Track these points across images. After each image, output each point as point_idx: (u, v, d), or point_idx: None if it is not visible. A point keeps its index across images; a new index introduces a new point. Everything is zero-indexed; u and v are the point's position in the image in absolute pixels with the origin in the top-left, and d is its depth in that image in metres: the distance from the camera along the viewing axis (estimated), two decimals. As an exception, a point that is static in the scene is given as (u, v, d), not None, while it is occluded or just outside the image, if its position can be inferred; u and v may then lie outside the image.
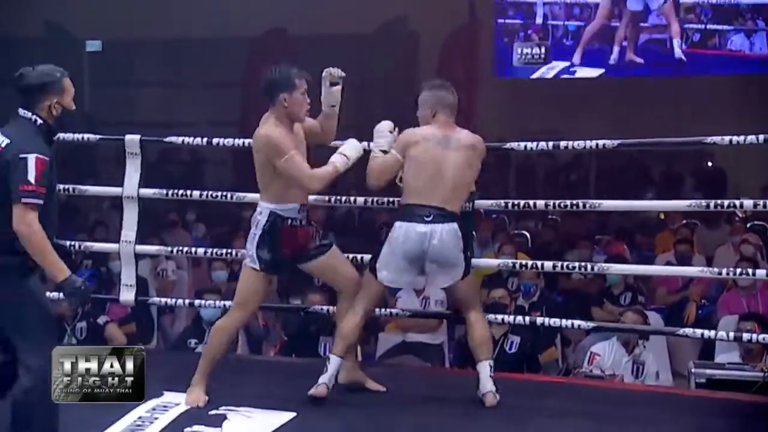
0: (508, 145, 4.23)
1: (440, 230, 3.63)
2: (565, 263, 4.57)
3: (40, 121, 3.00)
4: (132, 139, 4.46)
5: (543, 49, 11.61)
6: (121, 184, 4.46)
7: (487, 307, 4.63)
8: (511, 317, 4.40)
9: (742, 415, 3.70)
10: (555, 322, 4.21)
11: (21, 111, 3.01)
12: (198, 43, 12.43)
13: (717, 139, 3.93)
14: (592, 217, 8.64)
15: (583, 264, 4.77)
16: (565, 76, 11.32)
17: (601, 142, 4.06)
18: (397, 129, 3.80)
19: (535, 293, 5.99)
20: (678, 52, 10.82)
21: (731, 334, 4.30)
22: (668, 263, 6.78)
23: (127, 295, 4.48)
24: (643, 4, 11.15)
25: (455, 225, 3.67)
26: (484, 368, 3.72)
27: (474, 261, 4.05)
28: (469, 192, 3.85)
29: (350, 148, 3.70)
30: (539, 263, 4.57)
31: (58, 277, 2.93)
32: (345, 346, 3.75)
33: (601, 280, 6.45)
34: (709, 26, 10.84)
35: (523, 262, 5.44)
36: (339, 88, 3.79)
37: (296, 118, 3.68)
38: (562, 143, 4.19)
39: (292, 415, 3.58)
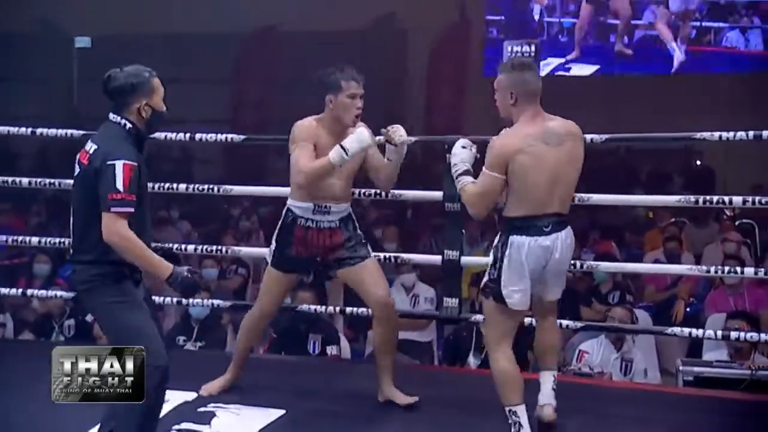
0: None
1: (561, 240, 3.17)
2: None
3: (129, 125, 2.91)
4: None
5: (533, 47, 11.63)
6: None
7: (479, 307, 4.61)
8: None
9: (729, 413, 3.70)
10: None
11: (111, 116, 2.92)
12: (189, 39, 12.39)
13: (707, 134, 3.94)
14: (581, 215, 8.64)
15: (572, 262, 4.76)
16: (560, 72, 11.36)
17: (588, 137, 4.03)
18: (474, 146, 3.32)
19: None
20: (679, 56, 10.89)
21: (719, 333, 4.31)
22: (657, 261, 6.79)
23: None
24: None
25: (570, 230, 3.24)
26: (548, 378, 3.37)
27: (464, 259, 4.04)
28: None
29: (353, 140, 3.41)
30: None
31: (164, 275, 2.85)
32: (512, 393, 3.22)
33: (589, 278, 6.44)
34: (704, 23, 10.88)
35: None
36: (398, 149, 3.56)
37: (342, 121, 3.51)
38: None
39: (281, 412, 3.57)
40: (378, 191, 4.06)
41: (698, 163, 11.94)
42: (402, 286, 5.98)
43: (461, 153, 3.27)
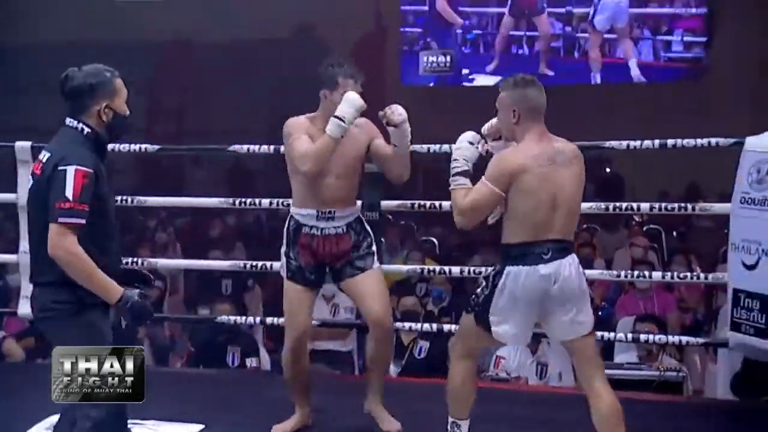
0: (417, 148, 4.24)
1: (564, 267, 2.91)
2: (473, 268, 4.62)
3: (87, 129, 2.63)
4: (22, 147, 4.33)
5: (448, 58, 11.80)
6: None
7: (400, 316, 4.66)
8: (422, 325, 4.44)
9: (641, 413, 3.79)
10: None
11: (67, 120, 2.64)
12: (103, 48, 12.15)
13: (615, 143, 4.06)
14: (498, 222, 8.76)
15: (481, 270, 4.84)
16: (466, 84, 11.58)
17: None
18: (482, 142, 3.11)
19: (446, 298, 6.02)
20: (594, 68, 11.19)
21: (629, 335, 4.43)
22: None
23: (26, 308, 4.32)
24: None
25: (575, 257, 2.98)
26: None
27: (384, 267, 4.05)
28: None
29: (345, 106, 3.22)
30: (447, 268, 4.63)
31: (112, 299, 2.58)
32: (461, 407, 3.15)
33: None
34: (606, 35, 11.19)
35: (432, 267, 5.48)
36: (400, 129, 3.34)
37: None
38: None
39: (200, 427, 3.53)
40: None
41: (608, 170, 12.25)
42: (322, 295, 5.97)
43: (466, 149, 3.04)
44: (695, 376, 5.28)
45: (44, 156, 2.64)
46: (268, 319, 4.56)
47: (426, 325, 4.59)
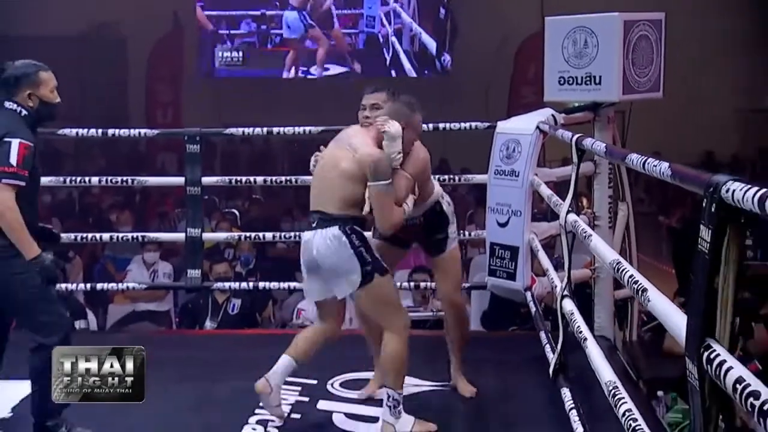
0: (228, 131, 4.20)
1: (318, 236, 2.81)
2: (278, 234, 4.65)
3: (24, 111, 2.77)
4: None
5: (241, 54, 11.66)
6: None
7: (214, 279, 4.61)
8: (235, 284, 4.42)
9: (420, 347, 3.94)
10: (273, 285, 4.29)
11: (6, 103, 2.77)
12: None
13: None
14: (289, 195, 8.82)
15: (290, 234, 4.91)
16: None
17: (307, 129, 4.15)
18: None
19: (252, 262, 5.99)
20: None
21: (410, 284, 4.65)
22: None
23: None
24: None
25: (336, 230, 2.80)
26: (383, 395, 2.90)
27: (205, 235, 4.00)
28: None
29: (389, 145, 2.82)
30: (253, 234, 4.65)
31: (28, 255, 2.65)
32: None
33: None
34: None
35: (239, 234, 5.47)
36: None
37: None
38: (276, 129, 4.24)
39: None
40: (120, 179, 3.90)
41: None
42: (144, 262, 5.79)
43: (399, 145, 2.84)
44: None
45: None
46: (99, 285, 4.36)
47: (236, 284, 4.58)
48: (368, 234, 2.97)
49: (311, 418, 3.07)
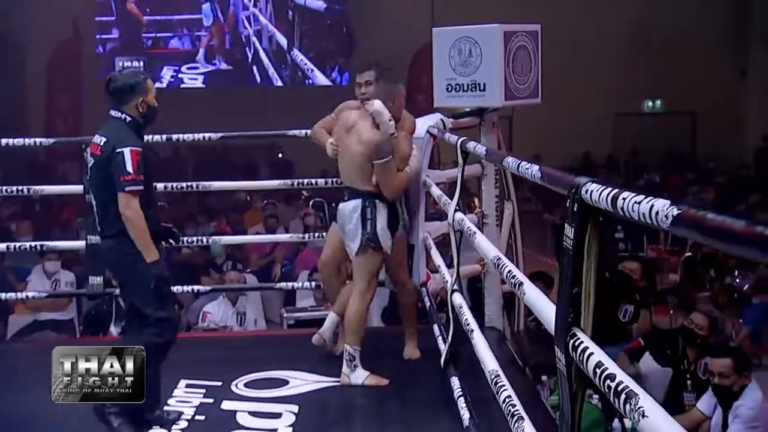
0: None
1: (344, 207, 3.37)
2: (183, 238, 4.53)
3: (128, 118, 2.82)
4: None
5: (141, 63, 11.36)
6: None
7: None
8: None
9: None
10: (178, 289, 4.19)
11: (112, 112, 2.83)
12: None
13: (297, 132, 4.19)
14: (193, 201, 8.64)
15: (193, 239, 4.81)
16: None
17: (207, 135, 4.09)
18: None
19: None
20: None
21: (312, 284, 4.64)
22: (258, 234, 7.05)
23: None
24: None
25: (358, 202, 3.31)
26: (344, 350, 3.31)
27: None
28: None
29: (383, 122, 3.24)
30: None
31: (149, 258, 2.74)
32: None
33: (205, 252, 6.50)
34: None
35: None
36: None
37: None
38: (175, 136, 4.15)
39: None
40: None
41: (281, 155, 12.54)
42: (44, 271, 5.53)
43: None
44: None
45: (100, 140, 2.80)
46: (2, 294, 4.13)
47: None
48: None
49: (216, 418, 3.02)
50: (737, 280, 5.98)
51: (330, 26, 12.23)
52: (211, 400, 3.18)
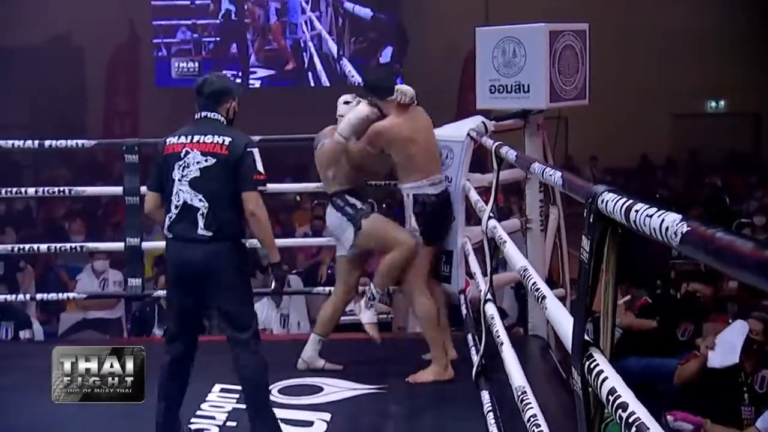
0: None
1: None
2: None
3: (223, 120, 2.80)
4: None
5: (196, 64, 11.51)
6: None
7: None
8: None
9: (365, 348, 3.89)
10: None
11: (209, 114, 2.77)
12: None
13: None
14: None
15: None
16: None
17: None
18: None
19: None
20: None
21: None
22: (305, 235, 7.04)
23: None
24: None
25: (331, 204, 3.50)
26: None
27: (144, 245, 3.88)
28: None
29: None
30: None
31: (275, 258, 2.76)
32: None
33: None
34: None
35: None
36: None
37: None
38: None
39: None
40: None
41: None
42: (93, 270, 5.63)
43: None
44: (398, 318, 5.58)
45: (225, 140, 2.69)
46: (39, 295, 4.19)
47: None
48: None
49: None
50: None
51: (380, 34, 12.21)
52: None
